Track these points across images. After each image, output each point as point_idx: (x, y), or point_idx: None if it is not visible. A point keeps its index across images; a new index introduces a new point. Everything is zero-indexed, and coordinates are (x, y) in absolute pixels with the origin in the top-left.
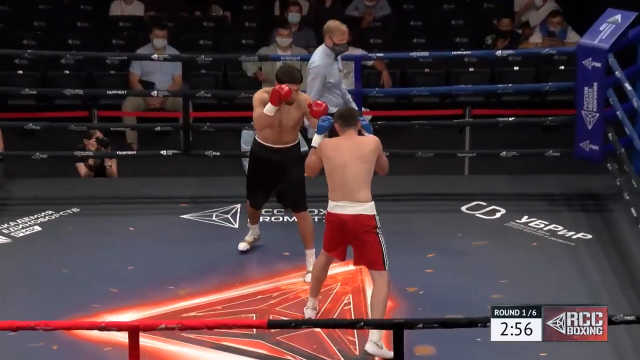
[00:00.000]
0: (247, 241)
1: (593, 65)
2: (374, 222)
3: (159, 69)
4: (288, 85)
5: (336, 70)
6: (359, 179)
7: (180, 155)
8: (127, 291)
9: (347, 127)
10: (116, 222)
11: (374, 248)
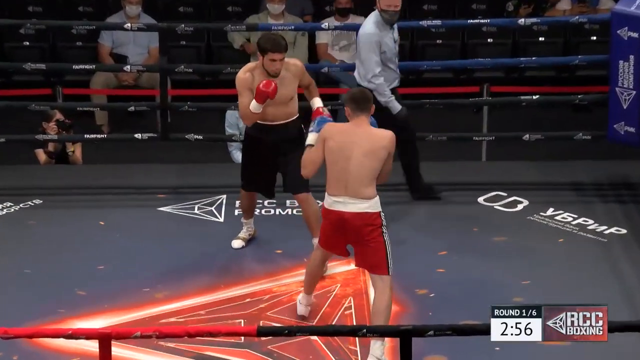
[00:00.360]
0: (241, 238)
1: (629, 36)
2: (379, 221)
3: (133, 40)
4: (271, 54)
5: (390, 41)
6: (366, 174)
7: (157, 139)
8: (97, 294)
9: (359, 112)
10: (84, 215)
11: (378, 250)
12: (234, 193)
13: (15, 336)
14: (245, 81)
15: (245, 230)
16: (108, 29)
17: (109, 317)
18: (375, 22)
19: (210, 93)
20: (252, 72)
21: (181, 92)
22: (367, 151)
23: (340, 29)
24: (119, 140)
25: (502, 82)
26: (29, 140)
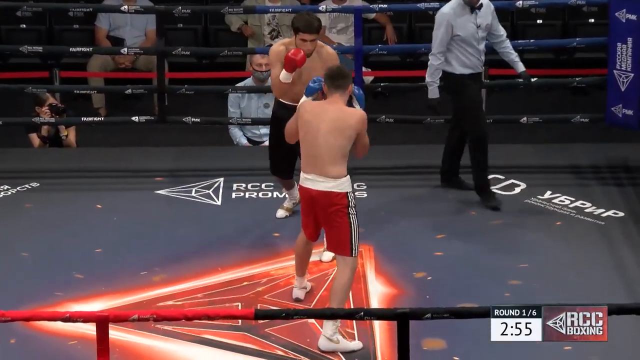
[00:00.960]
0: (285, 208)
1: (628, 18)
2: (345, 201)
3: (130, 23)
4: (302, 34)
5: (469, 24)
6: (332, 153)
7: (154, 122)
8: (95, 277)
9: (333, 90)
10: (81, 198)
11: (343, 230)
12: (231, 176)
13: (12, 319)
14: (278, 54)
15: (289, 200)
16: (105, 11)
17: (106, 300)
18: (456, 2)
19: (208, 76)
20: (287, 46)
21: (178, 75)
22: (333, 129)
23: (338, 11)
24: (116, 123)
25: (500, 65)
26: (26, 123)
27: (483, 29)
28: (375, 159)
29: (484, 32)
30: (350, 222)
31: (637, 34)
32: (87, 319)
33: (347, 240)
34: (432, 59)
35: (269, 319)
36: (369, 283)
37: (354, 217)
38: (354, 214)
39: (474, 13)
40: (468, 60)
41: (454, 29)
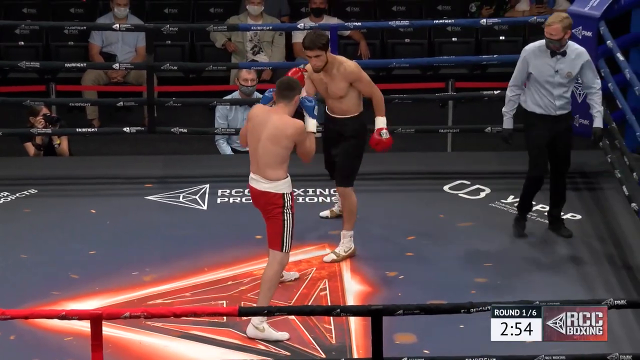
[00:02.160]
0: (330, 210)
1: (583, 35)
2: (280, 202)
3: (121, 40)
4: (305, 51)
5: (546, 67)
6: (270, 158)
7: (144, 132)
8: (89, 277)
9: (280, 99)
10: (77, 203)
11: (276, 227)
12: (216, 182)
13: (12, 317)
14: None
15: (338, 205)
16: (98, 29)
17: (100, 299)
18: (541, 42)
19: (194, 89)
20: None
21: (167, 88)
22: (271, 136)
23: (315, 28)
24: (108, 134)
25: (466, 78)
26: (23, 134)
27: (563, 75)
28: None
29: (563, 79)
30: (284, 220)
31: (593, 49)
32: (82, 316)
33: (279, 236)
34: (507, 90)
35: (252, 316)
36: (345, 282)
37: (289, 217)
38: (288, 214)
39: (554, 57)
40: (541, 100)
41: (529, 66)
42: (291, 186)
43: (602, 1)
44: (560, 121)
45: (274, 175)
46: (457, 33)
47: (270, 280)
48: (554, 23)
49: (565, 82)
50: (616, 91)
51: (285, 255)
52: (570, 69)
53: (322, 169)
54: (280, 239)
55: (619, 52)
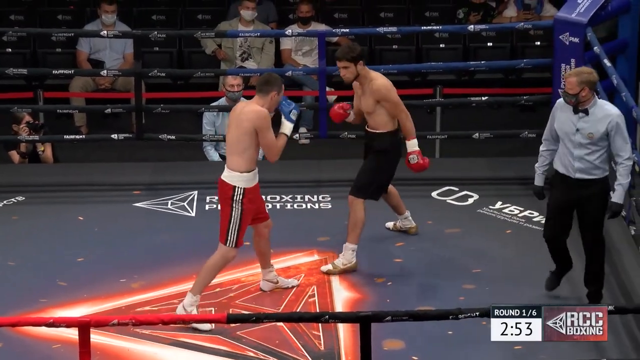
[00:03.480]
0: (394, 223)
1: (571, 41)
2: (230, 193)
3: (109, 47)
4: (336, 61)
5: (568, 123)
6: (233, 144)
7: (132, 139)
8: (77, 284)
9: (256, 92)
10: (64, 210)
11: (223, 219)
12: (204, 189)
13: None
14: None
15: (400, 221)
16: (86, 36)
17: (88, 306)
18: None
19: (182, 96)
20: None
21: (155, 95)
22: (235, 121)
23: (303, 35)
24: (96, 140)
25: (454, 84)
26: (10, 141)
27: (584, 135)
28: (339, 172)
29: (585, 139)
30: (231, 213)
31: (580, 55)
32: (70, 324)
33: (225, 229)
34: (542, 144)
35: (240, 323)
36: (334, 288)
37: (236, 211)
38: (237, 208)
39: (577, 114)
40: (564, 158)
41: (555, 119)
42: (250, 182)
43: (589, 7)
44: (583, 187)
45: (235, 164)
46: (445, 39)
47: (208, 268)
48: (570, 76)
49: (586, 143)
50: (603, 97)
51: (229, 250)
52: (592, 130)
53: (310, 175)
54: (225, 232)
55: (606, 58)
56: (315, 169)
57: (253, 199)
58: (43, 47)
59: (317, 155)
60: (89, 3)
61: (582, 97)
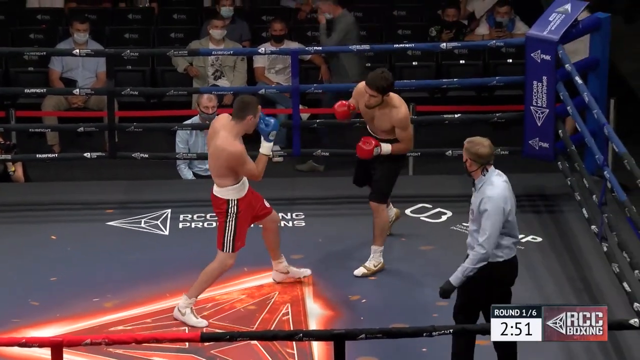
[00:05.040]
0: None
1: (542, 58)
2: (224, 207)
3: (81, 65)
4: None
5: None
6: (214, 170)
7: (105, 158)
8: (50, 304)
9: (232, 116)
10: (37, 230)
11: (220, 229)
12: (178, 207)
13: None
14: (357, 90)
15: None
16: (58, 54)
17: (60, 326)
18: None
19: (155, 114)
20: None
21: (128, 113)
22: (214, 152)
23: (276, 53)
24: (69, 159)
25: (427, 101)
26: None
27: (473, 212)
28: (313, 190)
29: (473, 216)
30: (226, 223)
31: (552, 72)
32: (43, 344)
33: (221, 236)
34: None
35: (214, 341)
36: (308, 306)
37: (231, 222)
38: (231, 220)
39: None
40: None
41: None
42: (241, 192)
43: (560, 25)
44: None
45: (222, 183)
46: (418, 57)
47: (206, 274)
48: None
49: (472, 219)
50: (575, 114)
51: (227, 256)
52: (473, 207)
53: (284, 193)
54: (221, 239)
55: (578, 75)
56: (288, 187)
57: (248, 205)
58: (15, 66)
59: (291, 173)
60: (61, 22)
61: (467, 167)
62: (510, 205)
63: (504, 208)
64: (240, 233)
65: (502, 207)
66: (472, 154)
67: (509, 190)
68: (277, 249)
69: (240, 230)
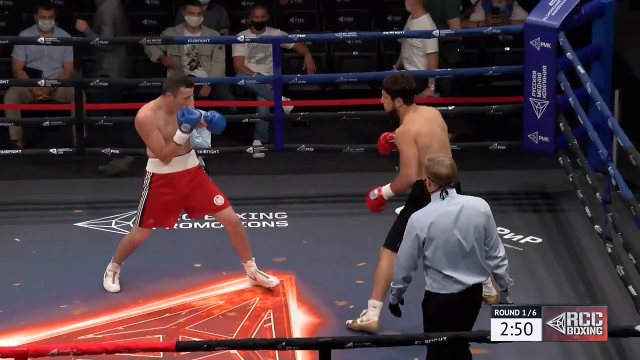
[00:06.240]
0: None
1: (542, 46)
2: (144, 176)
3: (47, 55)
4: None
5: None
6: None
7: (73, 154)
8: (13, 311)
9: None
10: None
11: (139, 202)
12: None
13: None
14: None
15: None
16: (21, 43)
17: (25, 335)
18: None
19: (127, 107)
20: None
21: (97, 106)
22: None
23: (256, 41)
24: (34, 156)
25: None
26: None
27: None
28: (296, 188)
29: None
30: (141, 195)
31: (552, 61)
32: (6, 354)
33: (139, 210)
34: None
35: (190, 351)
36: (291, 312)
37: (144, 194)
38: (144, 192)
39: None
40: None
41: None
42: (161, 167)
43: (560, 11)
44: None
45: (148, 153)
46: None
47: (120, 244)
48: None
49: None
50: (577, 106)
51: (135, 230)
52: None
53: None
54: (139, 213)
55: (580, 64)
56: (270, 185)
57: (167, 185)
58: None
59: (273, 170)
60: (25, 8)
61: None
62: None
63: (417, 234)
64: (150, 209)
65: (414, 232)
66: (431, 173)
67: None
68: (242, 251)
69: (150, 206)
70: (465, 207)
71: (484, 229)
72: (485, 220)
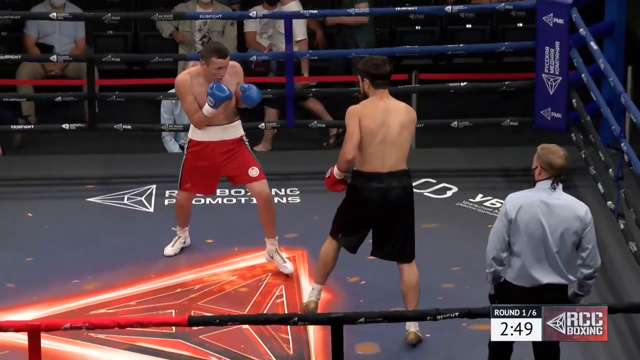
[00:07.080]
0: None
1: (555, 22)
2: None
3: (59, 30)
4: None
5: None
6: None
7: (84, 130)
8: (26, 286)
9: None
10: (12, 207)
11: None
12: (163, 183)
13: None
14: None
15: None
16: (33, 18)
17: (38, 309)
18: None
19: (138, 82)
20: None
21: (109, 81)
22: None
23: (269, 17)
24: (46, 131)
25: (430, 69)
26: None
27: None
28: (308, 164)
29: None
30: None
31: (565, 37)
32: (19, 328)
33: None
34: None
35: (203, 325)
36: (303, 288)
37: (183, 159)
38: (184, 157)
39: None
40: None
41: None
42: (194, 134)
43: None
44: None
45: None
46: (421, 21)
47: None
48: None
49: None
50: (590, 82)
51: (178, 193)
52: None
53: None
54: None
55: (593, 40)
56: (282, 161)
57: (201, 152)
58: None
59: (284, 147)
60: None
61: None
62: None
63: (507, 213)
64: (187, 173)
65: (504, 211)
66: (544, 162)
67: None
68: (267, 227)
69: (187, 170)
70: (563, 206)
71: (576, 234)
72: (580, 225)
